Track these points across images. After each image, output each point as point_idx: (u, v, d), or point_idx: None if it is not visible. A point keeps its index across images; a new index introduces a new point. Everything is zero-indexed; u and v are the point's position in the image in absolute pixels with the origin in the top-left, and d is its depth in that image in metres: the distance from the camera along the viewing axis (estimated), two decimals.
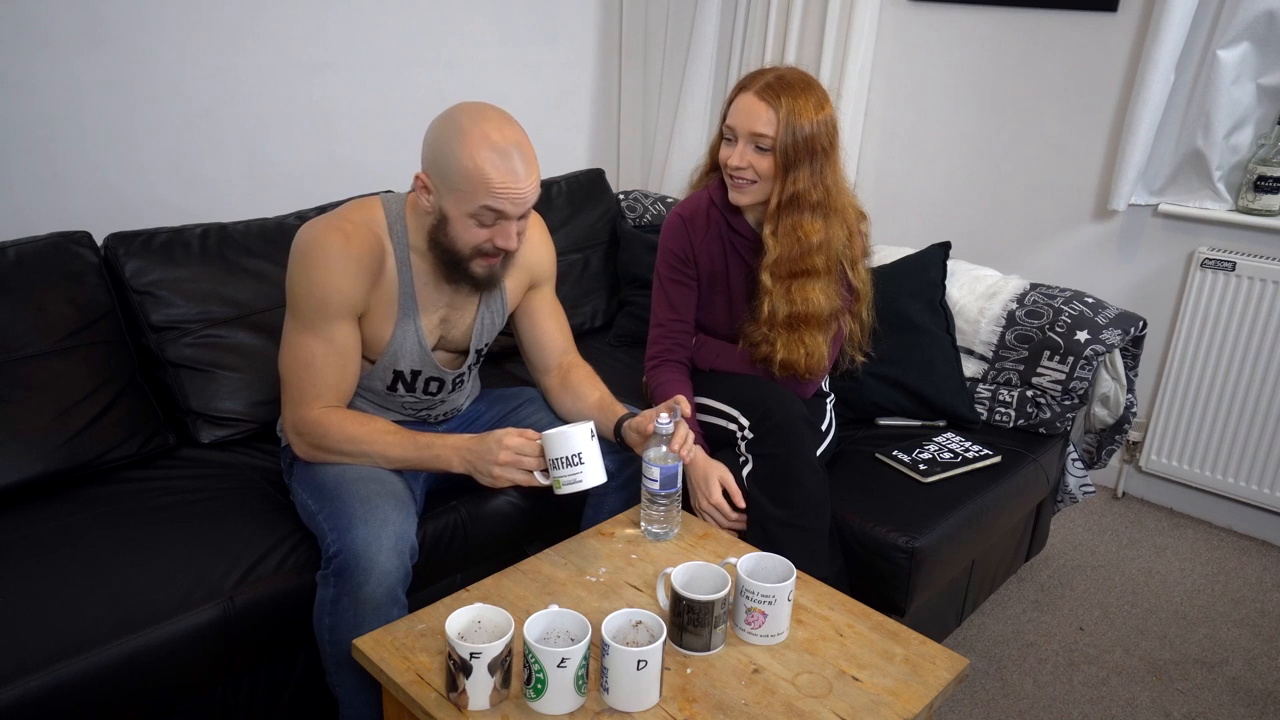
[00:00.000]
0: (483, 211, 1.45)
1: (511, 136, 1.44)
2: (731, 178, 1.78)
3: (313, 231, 1.53)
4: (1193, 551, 2.55)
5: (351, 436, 1.55)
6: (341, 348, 1.56)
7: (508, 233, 1.50)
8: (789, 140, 1.70)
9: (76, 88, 2.17)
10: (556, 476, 1.44)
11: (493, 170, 1.42)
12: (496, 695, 1.16)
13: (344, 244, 1.50)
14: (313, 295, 1.51)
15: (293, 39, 2.51)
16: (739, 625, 1.32)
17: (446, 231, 1.50)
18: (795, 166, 1.72)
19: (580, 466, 1.42)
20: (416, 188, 1.50)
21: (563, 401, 1.77)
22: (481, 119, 1.44)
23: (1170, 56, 2.41)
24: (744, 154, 1.74)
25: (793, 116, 1.69)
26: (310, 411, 1.56)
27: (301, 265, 1.52)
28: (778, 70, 1.76)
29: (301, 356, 1.55)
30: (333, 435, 1.55)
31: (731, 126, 1.75)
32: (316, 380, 1.55)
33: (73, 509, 1.67)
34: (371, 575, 1.39)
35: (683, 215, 1.89)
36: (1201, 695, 2.00)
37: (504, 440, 1.49)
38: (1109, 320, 2.15)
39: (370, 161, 2.75)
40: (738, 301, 1.89)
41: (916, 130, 3.02)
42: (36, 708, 1.30)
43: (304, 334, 1.54)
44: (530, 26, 3.07)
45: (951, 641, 2.13)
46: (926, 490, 1.89)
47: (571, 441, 1.42)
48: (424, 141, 1.49)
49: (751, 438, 1.77)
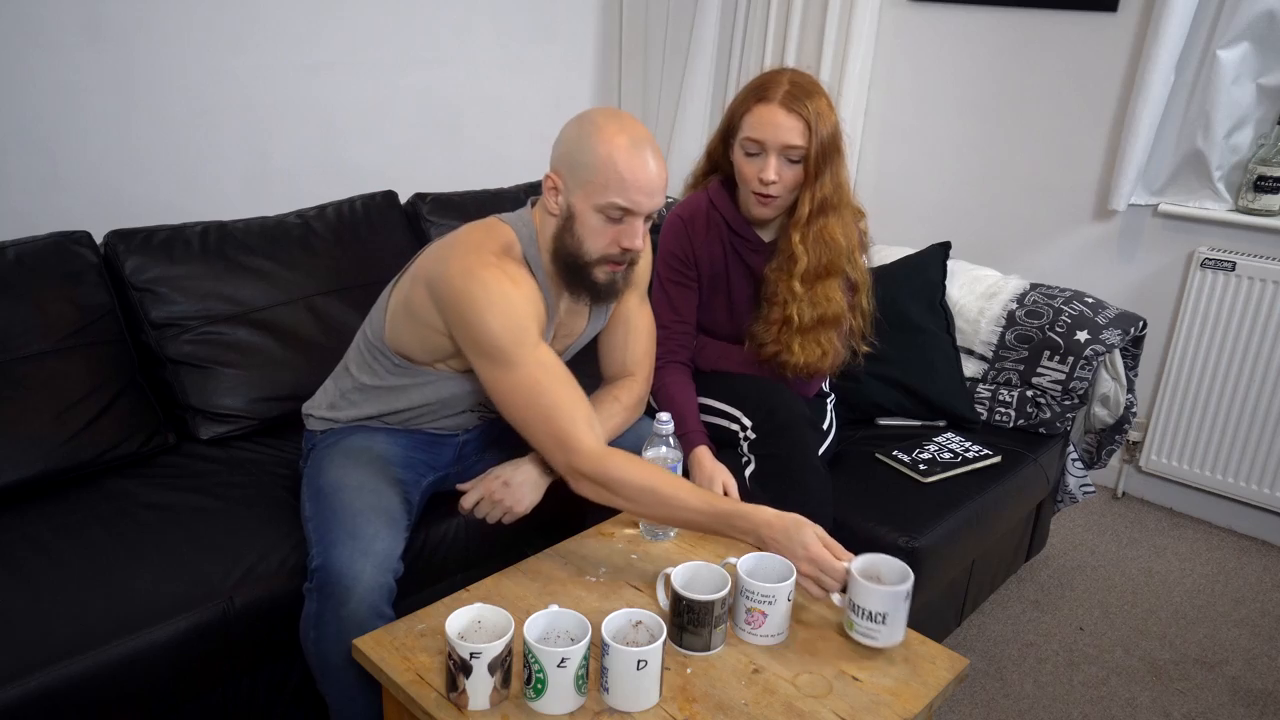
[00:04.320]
0: (611, 207, 1.44)
1: (644, 133, 1.46)
2: (760, 194, 1.72)
3: (465, 271, 1.44)
4: (1193, 551, 2.55)
5: (645, 488, 1.40)
6: (556, 365, 1.47)
7: (634, 231, 1.47)
8: (819, 148, 1.67)
9: (76, 86, 2.17)
10: (852, 619, 1.31)
11: (623, 160, 1.42)
12: (496, 695, 1.16)
13: (506, 276, 1.45)
14: (508, 328, 1.42)
15: (293, 39, 2.51)
16: (739, 625, 1.32)
17: (573, 231, 1.48)
18: (822, 172, 1.70)
19: (881, 627, 1.29)
20: (545, 189, 1.50)
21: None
22: (616, 117, 1.47)
23: (1170, 56, 2.41)
24: (777, 168, 1.69)
25: (819, 122, 1.67)
26: (583, 444, 1.42)
27: (481, 308, 1.42)
28: (787, 74, 1.72)
29: (530, 393, 1.43)
30: (620, 474, 1.41)
31: (758, 140, 1.69)
32: (562, 406, 1.43)
33: (73, 508, 1.67)
34: (353, 595, 1.37)
35: (682, 217, 1.87)
36: (1201, 695, 2.00)
37: (810, 548, 1.33)
38: (1109, 320, 2.15)
39: (370, 161, 2.75)
40: (739, 304, 1.88)
41: (916, 130, 3.02)
42: (36, 708, 1.30)
43: (513, 371, 1.43)
44: (529, 26, 3.07)
45: (951, 641, 2.13)
46: (926, 490, 1.89)
47: (876, 599, 1.27)
48: (555, 143, 1.49)
49: (754, 438, 1.77)
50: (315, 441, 1.70)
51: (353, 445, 1.63)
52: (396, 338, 1.60)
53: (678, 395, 1.81)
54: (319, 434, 1.71)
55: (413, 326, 1.56)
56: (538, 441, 1.46)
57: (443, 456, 1.73)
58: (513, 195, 2.57)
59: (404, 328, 1.58)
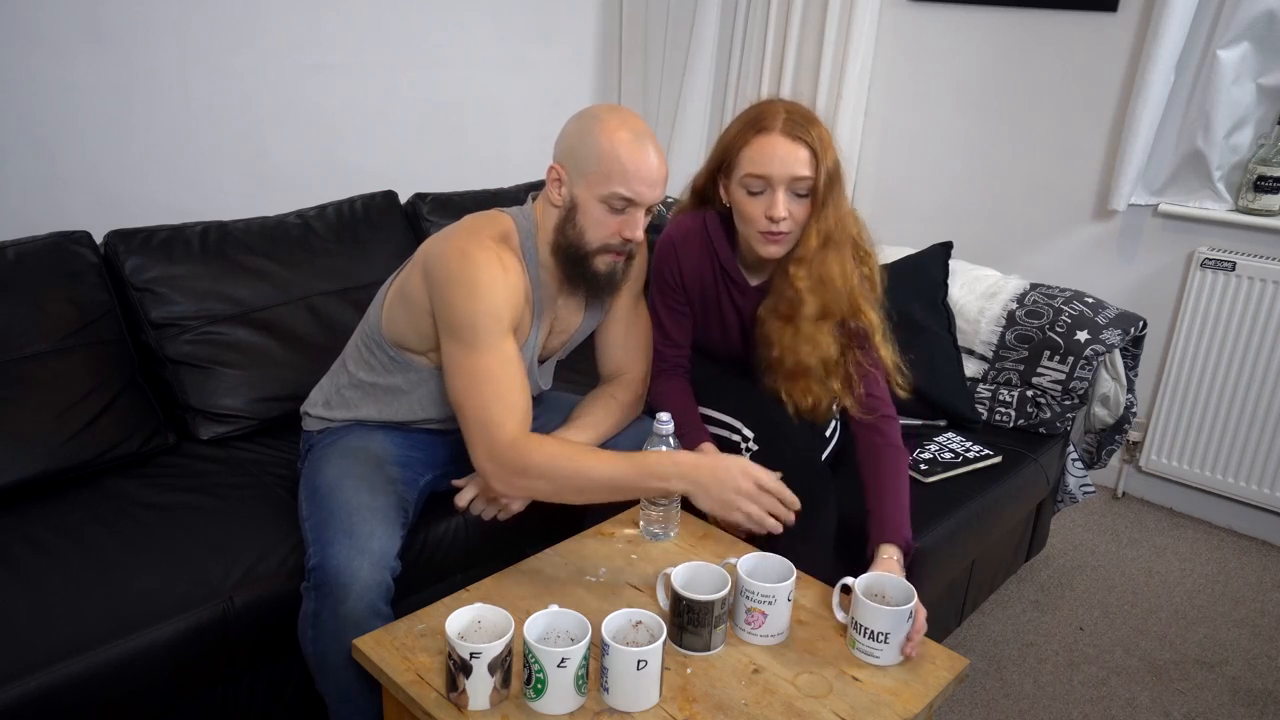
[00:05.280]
0: (614, 196, 1.47)
1: (646, 128, 1.50)
2: (767, 233, 1.59)
3: (461, 250, 1.46)
4: (1193, 551, 2.55)
5: (554, 454, 1.41)
6: (515, 361, 1.47)
7: (635, 221, 1.50)
8: (825, 177, 1.55)
9: (76, 87, 2.17)
10: (854, 638, 1.29)
11: (626, 151, 1.45)
12: (496, 695, 1.16)
13: (499, 261, 1.47)
14: (486, 312, 1.43)
15: (293, 39, 2.51)
16: (739, 625, 1.32)
17: (575, 222, 1.51)
18: (826, 204, 1.57)
19: (884, 646, 1.27)
20: (548, 181, 1.52)
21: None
22: (618, 112, 1.50)
23: (1170, 56, 2.41)
24: (786, 204, 1.56)
25: (823, 150, 1.55)
26: (503, 433, 1.41)
27: (465, 287, 1.44)
28: (781, 104, 1.60)
29: (481, 376, 1.43)
30: (534, 457, 1.40)
31: (763, 176, 1.55)
32: (504, 396, 1.43)
33: (73, 508, 1.67)
34: (350, 594, 1.38)
35: (674, 240, 1.76)
36: (1201, 695, 2.00)
37: (755, 474, 1.36)
38: (1109, 320, 2.15)
39: (370, 161, 2.75)
40: (731, 331, 1.82)
41: (917, 130, 3.02)
42: (36, 708, 1.30)
43: (476, 354, 1.44)
44: (529, 26, 3.07)
45: (951, 641, 2.13)
46: (926, 490, 1.89)
47: (881, 619, 1.25)
48: (558, 137, 1.52)
49: (755, 449, 1.75)
50: (313, 442, 1.71)
51: (349, 445, 1.64)
52: (393, 327, 1.62)
53: (677, 400, 1.78)
54: (316, 434, 1.71)
55: (408, 312, 1.58)
56: (466, 427, 1.45)
57: (439, 454, 1.73)
58: (513, 195, 2.57)
59: (400, 314, 1.60)
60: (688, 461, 1.39)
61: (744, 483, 1.37)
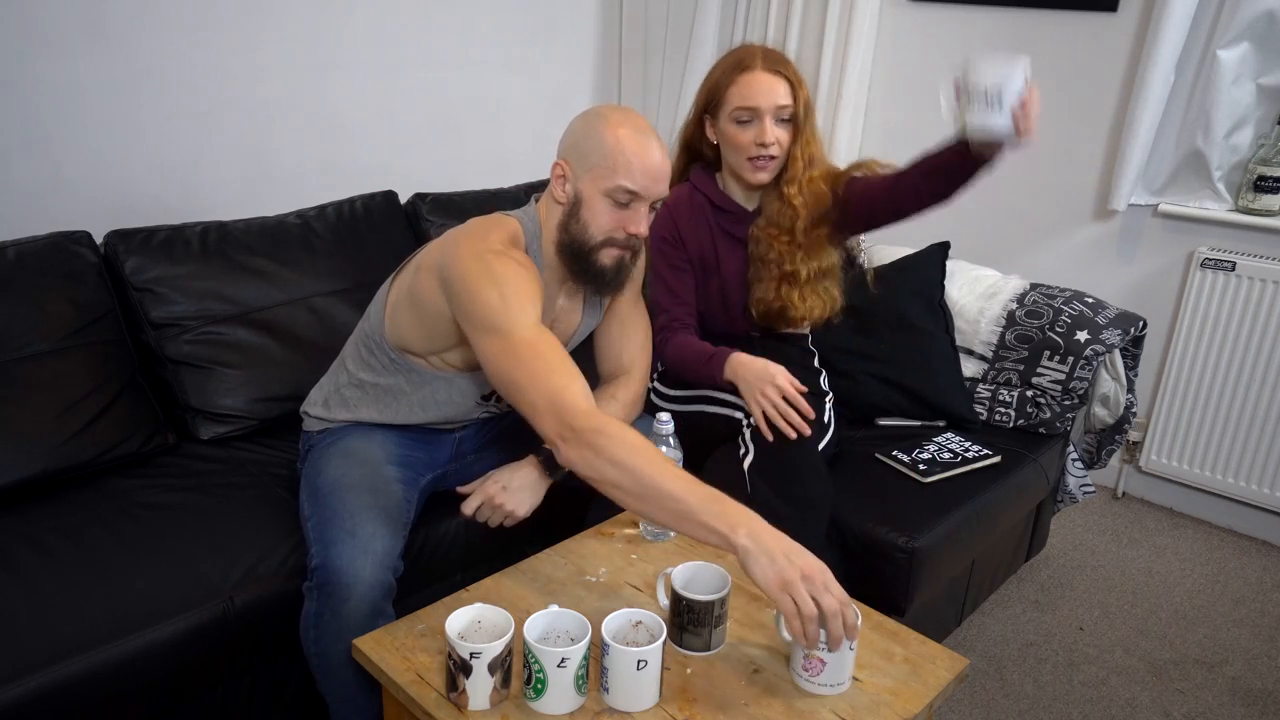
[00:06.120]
0: (619, 190, 1.48)
1: (649, 126, 1.53)
2: (756, 159, 1.80)
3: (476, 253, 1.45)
4: (1193, 551, 2.55)
5: (637, 446, 1.27)
6: (558, 343, 1.43)
7: (639, 216, 1.52)
8: (804, 104, 1.80)
9: (77, 87, 2.17)
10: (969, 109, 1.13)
11: (631, 146, 1.48)
12: (496, 695, 1.16)
13: (512, 259, 1.47)
14: (509, 300, 1.41)
15: (293, 39, 2.51)
16: (796, 671, 1.21)
17: (579, 217, 1.52)
18: (805, 129, 1.82)
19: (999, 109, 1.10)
20: (553, 178, 1.54)
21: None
22: (622, 110, 1.54)
23: (1170, 56, 2.41)
24: (772, 130, 1.78)
25: (798, 82, 1.80)
26: (573, 398, 1.32)
27: (490, 281, 1.42)
28: (758, 46, 1.84)
29: (529, 354, 1.37)
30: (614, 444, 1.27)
31: (751, 108, 1.77)
32: (560, 368, 1.37)
33: (73, 508, 1.67)
34: (353, 594, 1.38)
35: (667, 204, 1.91)
36: (1201, 695, 2.00)
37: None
38: (1109, 320, 2.15)
39: (370, 161, 2.75)
40: (730, 283, 1.91)
41: (916, 130, 3.01)
42: (36, 708, 1.30)
43: (516, 337, 1.39)
44: (529, 26, 3.07)
45: (951, 641, 2.13)
46: (926, 490, 1.89)
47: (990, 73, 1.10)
48: (563, 136, 1.55)
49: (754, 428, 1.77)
50: (313, 442, 1.70)
51: (350, 445, 1.64)
52: (396, 330, 1.61)
53: (693, 344, 1.84)
54: (316, 434, 1.71)
55: (416, 316, 1.57)
56: (529, 403, 1.35)
57: (440, 454, 1.73)
58: (513, 195, 2.57)
59: (406, 319, 1.59)
60: (764, 529, 1.18)
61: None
